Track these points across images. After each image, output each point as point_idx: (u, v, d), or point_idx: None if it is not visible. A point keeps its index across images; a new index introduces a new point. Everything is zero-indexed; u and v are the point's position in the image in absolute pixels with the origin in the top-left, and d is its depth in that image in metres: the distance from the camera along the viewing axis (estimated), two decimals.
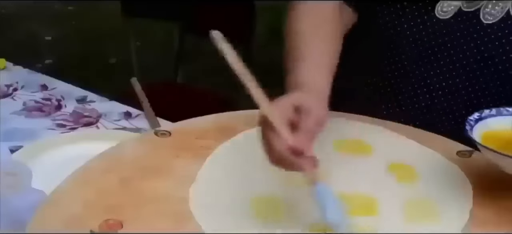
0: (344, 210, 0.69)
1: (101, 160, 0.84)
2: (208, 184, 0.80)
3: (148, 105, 1.22)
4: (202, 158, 0.85)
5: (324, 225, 0.72)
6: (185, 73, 2.30)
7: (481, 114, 0.80)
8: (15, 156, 1.03)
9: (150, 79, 1.81)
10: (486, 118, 0.80)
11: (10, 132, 1.14)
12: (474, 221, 0.74)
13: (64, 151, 1.04)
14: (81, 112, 1.23)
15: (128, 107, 1.25)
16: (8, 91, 1.32)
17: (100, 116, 1.22)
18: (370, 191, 0.79)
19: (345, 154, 0.88)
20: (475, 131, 0.78)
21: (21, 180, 0.83)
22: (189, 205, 0.75)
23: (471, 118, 0.79)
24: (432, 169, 0.84)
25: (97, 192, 0.77)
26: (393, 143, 0.91)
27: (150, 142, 0.89)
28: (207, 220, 0.72)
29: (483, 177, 0.82)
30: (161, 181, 0.80)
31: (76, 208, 0.73)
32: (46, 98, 1.29)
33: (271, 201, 0.77)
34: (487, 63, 0.97)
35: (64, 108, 1.25)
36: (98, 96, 1.30)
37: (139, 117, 1.22)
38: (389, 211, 0.75)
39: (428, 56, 1.00)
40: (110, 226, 0.71)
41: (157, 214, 0.73)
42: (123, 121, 1.20)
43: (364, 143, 0.91)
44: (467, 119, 0.78)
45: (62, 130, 1.17)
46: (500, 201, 0.78)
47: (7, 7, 4.29)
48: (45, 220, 0.72)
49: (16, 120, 1.20)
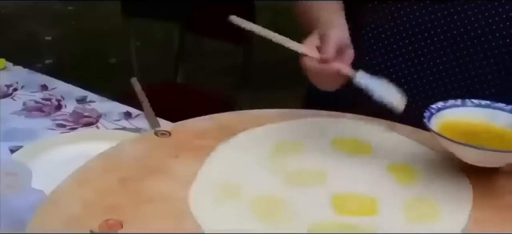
0: (387, 85, 0.84)
1: (101, 160, 0.84)
2: (208, 184, 0.80)
3: (148, 105, 1.22)
4: (202, 158, 0.85)
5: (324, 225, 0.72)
6: (185, 73, 2.30)
7: (445, 104, 0.83)
8: (15, 156, 1.03)
9: (150, 79, 1.81)
10: (449, 107, 0.83)
11: (10, 132, 1.14)
12: (474, 221, 0.74)
13: (64, 151, 1.04)
14: (81, 112, 1.23)
15: (128, 107, 1.25)
16: (8, 91, 1.32)
17: (100, 116, 1.22)
18: (370, 191, 0.79)
19: (345, 154, 0.88)
20: (434, 119, 0.80)
21: (21, 180, 0.83)
22: (189, 205, 0.75)
23: (433, 107, 0.82)
24: (432, 169, 0.84)
25: (97, 192, 0.77)
26: (393, 143, 0.91)
27: (150, 142, 0.89)
28: (207, 220, 0.72)
29: (483, 177, 0.82)
30: (161, 181, 0.80)
31: (76, 208, 0.73)
32: (46, 98, 1.29)
33: (271, 201, 0.77)
34: (475, 41, 0.98)
35: (64, 108, 1.25)
36: (98, 96, 1.30)
37: (139, 116, 1.22)
38: (389, 211, 0.75)
39: (417, 39, 1.00)
40: (110, 226, 0.71)
41: (157, 214, 0.73)
42: (123, 121, 1.20)
43: (364, 143, 0.91)
44: (428, 107, 0.81)
45: (62, 130, 1.17)
46: (500, 201, 0.78)
47: (7, 7, 4.29)
48: (45, 220, 0.72)
49: (16, 120, 1.20)
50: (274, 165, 0.84)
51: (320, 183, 0.80)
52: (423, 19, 1.00)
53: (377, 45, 1.04)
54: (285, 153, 0.87)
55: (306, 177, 0.82)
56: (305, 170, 0.83)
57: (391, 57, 1.03)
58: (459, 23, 0.98)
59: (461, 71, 1.00)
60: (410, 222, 0.74)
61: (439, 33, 0.99)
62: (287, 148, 0.88)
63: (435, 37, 0.99)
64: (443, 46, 1.00)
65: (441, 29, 0.99)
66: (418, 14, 1.00)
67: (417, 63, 1.02)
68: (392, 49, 1.03)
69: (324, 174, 0.82)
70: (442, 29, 0.99)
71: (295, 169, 0.83)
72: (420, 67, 1.02)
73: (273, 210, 0.75)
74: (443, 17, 0.98)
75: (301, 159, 0.86)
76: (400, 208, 0.76)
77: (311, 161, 0.86)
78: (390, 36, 1.03)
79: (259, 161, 0.85)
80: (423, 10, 0.99)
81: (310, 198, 0.77)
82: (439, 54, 1.00)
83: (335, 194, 0.78)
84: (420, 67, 1.02)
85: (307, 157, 0.87)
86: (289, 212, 0.74)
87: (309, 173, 0.83)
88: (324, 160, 0.86)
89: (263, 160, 0.85)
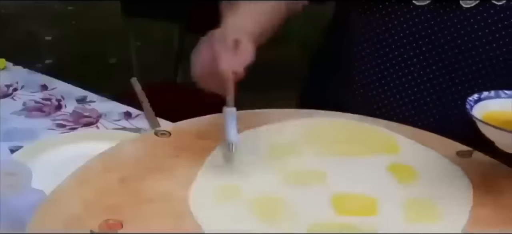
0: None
1: (101, 160, 0.84)
2: (208, 184, 0.80)
3: (148, 105, 1.22)
4: (202, 158, 0.85)
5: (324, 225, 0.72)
6: (185, 73, 2.30)
7: (480, 96, 0.81)
8: (15, 156, 1.03)
9: (150, 79, 1.81)
10: (485, 99, 0.82)
11: (10, 132, 1.14)
12: (474, 220, 0.74)
13: (64, 151, 1.04)
14: (81, 112, 1.23)
15: (128, 107, 1.25)
16: (8, 91, 1.32)
17: (100, 116, 1.22)
18: (370, 191, 0.79)
19: (345, 154, 0.88)
20: (474, 111, 0.79)
21: (21, 180, 0.83)
22: (189, 205, 0.75)
23: (470, 99, 0.80)
24: (432, 169, 0.84)
25: (97, 192, 0.77)
26: (393, 143, 0.91)
27: (150, 142, 0.89)
28: (207, 220, 0.72)
29: (483, 177, 0.82)
30: (161, 181, 0.80)
31: (76, 208, 0.73)
32: (46, 98, 1.29)
33: (271, 201, 0.77)
34: (463, 48, 0.98)
35: (64, 108, 1.25)
36: (98, 96, 1.30)
37: (139, 116, 1.22)
38: (389, 211, 0.75)
39: (410, 45, 1.00)
40: (110, 226, 0.71)
41: (157, 214, 0.73)
42: (123, 121, 1.20)
43: (363, 143, 0.91)
44: (467, 99, 0.80)
45: (62, 130, 1.17)
46: (500, 201, 0.78)
47: (7, 7, 4.29)
48: (45, 220, 0.72)
49: (16, 120, 1.20)
50: (274, 165, 0.84)
51: (320, 183, 0.80)
52: (408, 30, 1.00)
53: (365, 52, 1.05)
54: (285, 153, 0.87)
55: (306, 177, 0.82)
56: (305, 170, 0.83)
57: (379, 64, 1.04)
58: (443, 33, 0.98)
59: (451, 78, 1.01)
60: (410, 222, 0.74)
61: (428, 41, 1.00)
62: (287, 148, 0.88)
63: (424, 46, 1.00)
64: (428, 57, 1.00)
65: (425, 39, 1.00)
66: (405, 25, 1.00)
67: (408, 72, 1.03)
68: (382, 56, 1.04)
69: (324, 174, 0.82)
70: (426, 39, 1.00)
71: (295, 169, 0.83)
72: (411, 76, 1.02)
73: (273, 210, 0.75)
74: (428, 27, 0.99)
75: (301, 159, 0.86)
76: (400, 208, 0.76)
77: (311, 161, 0.86)
78: (375, 49, 1.03)
79: (259, 161, 0.85)
80: (409, 21, 1.00)
81: (310, 198, 0.77)
82: (428, 62, 1.01)
83: (335, 194, 0.78)
84: (411, 77, 1.03)
85: (307, 157, 0.87)
86: (289, 212, 0.74)
87: (309, 173, 0.83)
88: (324, 160, 0.86)
89: (263, 160, 0.85)
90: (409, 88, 1.03)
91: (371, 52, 1.04)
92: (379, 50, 1.03)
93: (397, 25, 1.00)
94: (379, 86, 1.04)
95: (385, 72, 1.04)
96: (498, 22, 0.96)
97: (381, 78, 1.04)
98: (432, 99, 1.02)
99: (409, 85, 1.03)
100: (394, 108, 1.04)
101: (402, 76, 1.03)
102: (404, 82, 1.03)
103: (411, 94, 1.03)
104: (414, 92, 1.03)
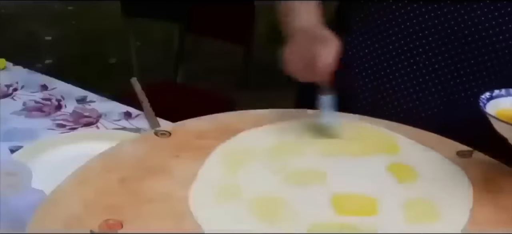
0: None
1: (101, 160, 0.84)
2: (208, 184, 0.80)
3: (148, 105, 1.22)
4: (202, 158, 0.85)
5: (324, 225, 0.72)
6: (185, 73, 2.30)
7: (492, 94, 0.83)
8: (15, 156, 1.03)
9: (150, 79, 1.81)
10: (497, 97, 0.83)
11: (10, 132, 1.14)
12: (474, 221, 0.74)
13: (64, 151, 1.04)
14: (81, 112, 1.23)
15: (128, 107, 1.25)
16: (8, 91, 1.32)
17: (100, 116, 1.22)
18: (370, 191, 0.79)
19: (345, 154, 0.88)
20: (487, 109, 0.80)
21: (21, 180, 0.83)
22: (189, 205, 0.75)
23: (483, 97, 0.82)
24: (432, 169, 0.84)
25: (97, 192, 0.77)
26: (393, 143, 0.91)
27: (150, 142, 0.89)
28: (207, 220, 0.72)
29: (483, 177, 0.82)
30: (161, 181, 0.80)
31: (76, 208, 0.73)
32: (46, 98, 1.29)
33: (271, 201, 0.77)
34: (463, 41, 0.98)
35: (64, 108, 1.25)
36: (98, 96, 1.30)
37: (139, 116, 1.22)
38: (389, 211, 0.75)
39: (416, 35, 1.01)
40: (110, 226, 0.71)
41: (157, 214, 0.73)
42: (123, 121, 1.20)
43: (363, 143, 0.91)
44: (480, 98, 0.82)
45: (62, 130, 1.17)
46: (500, 201, 0.78)
47: (7, 7, 4.29)
48: (45, 220, 0.72)
49: (16, 120, 1.20)
50: (274, 165, 0.84)
51: (320, 183, 0.80)
52: (414, 20, 1.00)
53: (366, 43, 1.05)
54: (285, 153, 0.87)
55: (306, 177, 0.82)
56: (305, 170, 0.83)
57: (381, 59, 1.04)
58: (449, 24, 0.98)
59: (456, 68, 1.01)
60: (410, 222, 0.74)
61: (430, 33, 1.00)
62: (287, 148, 0.88)
63: (425, 38, 1.00)
64: (433, 47, 1.01)
65: (431, 30, 1.00)
66: (411, 15, 1.00)
67: (407, 65, 1.03)
68: (383, 50, 1.04)
69: (324, 174, 0.82)
70: (432, 30, 1.00)
71: (295, 169, 0.83)
72: (416, 66, 1.03)
73: (273, 210, 0.75)
74: (434, 18, 0.99)
75: (301, 159, 0.86)
76: (400, 208, 0.76)
77: (311, 161, 0.86)
78: (381, 37, 1.04)
79: (259, 161, 0.85)
80: (416, 11, 1.00)
81: (310, 198, 0.77)
82: (434, 52, 1.01)
83: (335, 194, 0.78)
84: (410, 69, 1.03)
85: (307, 157, 0.87)
86: (289, 212, 0.74)
87: (309, 173, 0.83)
88: (324, 160, 0.86)
89: (263, 160, 0.85)
90: (414, 78, 1.03)
91: (376, 41, 1.04)
92: (385, 38, 1.03)
93: (403, 14, 1.00)
94: (384, 76, 1.04)
95: (390, 61, 1.03)
96: (505, 14, 0.96)
97: (386, 67, 1.04)
98: (437, 90, 1.03)
99: (414, 76, 1.03)
100: (398, 98, 1.04)
101: (408, 67, 1.03)
102: (409, 72, 1.03)
103: (416, 84, 1.03)
104: (419, 83, 1.03)
